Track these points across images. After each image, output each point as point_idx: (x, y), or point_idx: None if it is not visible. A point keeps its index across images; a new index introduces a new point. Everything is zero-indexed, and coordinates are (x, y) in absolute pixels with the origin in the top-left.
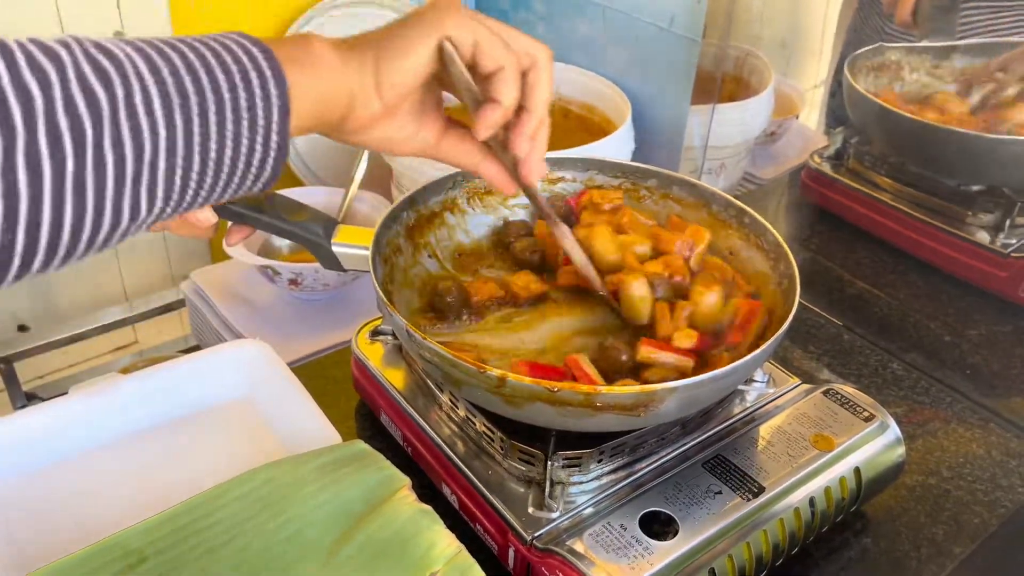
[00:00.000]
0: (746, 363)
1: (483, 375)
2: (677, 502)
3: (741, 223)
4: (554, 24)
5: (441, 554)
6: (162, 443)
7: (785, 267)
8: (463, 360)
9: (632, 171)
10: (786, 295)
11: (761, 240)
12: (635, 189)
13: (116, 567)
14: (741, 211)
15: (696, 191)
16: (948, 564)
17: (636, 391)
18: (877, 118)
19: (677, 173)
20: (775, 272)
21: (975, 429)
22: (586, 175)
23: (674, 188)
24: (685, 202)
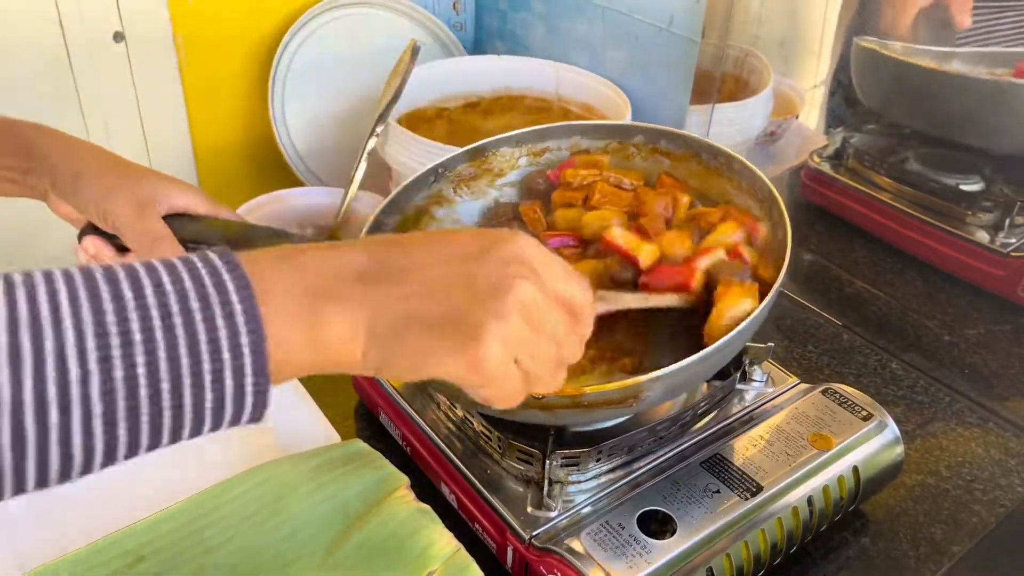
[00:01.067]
0: (730, 339)
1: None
2: (675, 501)
3: (731, 170)
4: (553, 24)
5: (439, 553)
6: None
7: (778, 216)
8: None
9: (617, 130)
10: (780, 244)
11: (752, 187)
12: (622, 148)
13: (114, 566)
14: (730, 158)
15: (684, 142)
16: (946, 563)
17: (620, 385)
18: (891, 76)
19: (662, 126)
20: (769, 220)
21: (974, 428)
22: (570, 141)
23: (662, 141)
24: (674, 155)
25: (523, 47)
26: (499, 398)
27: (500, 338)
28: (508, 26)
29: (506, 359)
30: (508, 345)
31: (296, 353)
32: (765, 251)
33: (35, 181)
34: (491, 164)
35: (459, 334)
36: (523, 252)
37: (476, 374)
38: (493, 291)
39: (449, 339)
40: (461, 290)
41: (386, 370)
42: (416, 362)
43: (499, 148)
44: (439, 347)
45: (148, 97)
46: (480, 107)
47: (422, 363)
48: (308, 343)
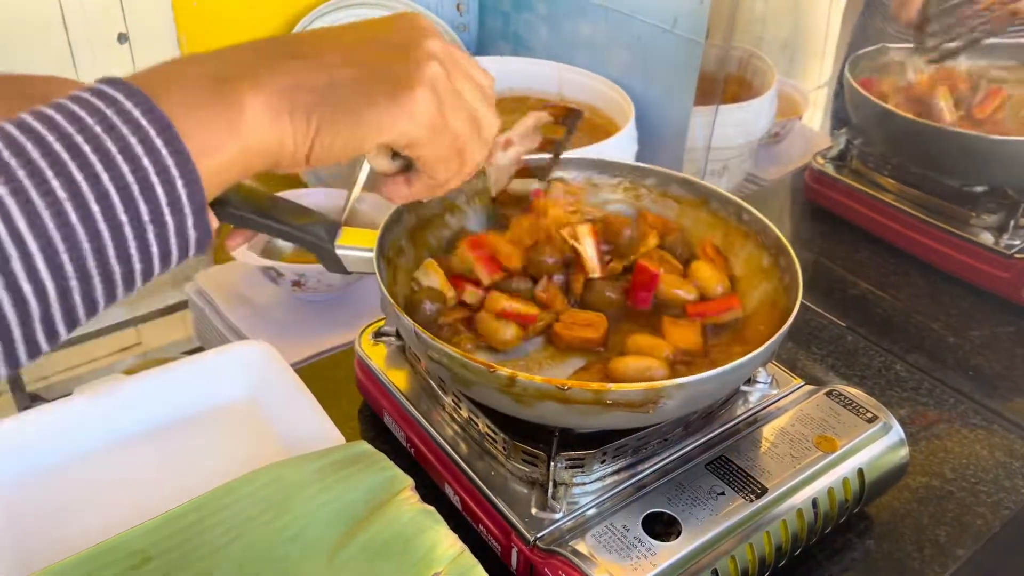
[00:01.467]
0: (752, 359)
1: (493, 375)
2: (680, 503)
3: (740, 220)
4: (556, 25)
5: (444, 554)
6: (166, 444)
7: (786, 263)
8: (473, 361)
9: (630, 170)
10: (788, 291)
11: (761, 237)
12: (634, 188)
13: (120, 567)
14: (740, 208)
15: (695, 189)
16: (951, 565)
17: (645, 387)
18: (878, 119)
19: (675, 171)
20: (777, 268)
21: (978, 430)
22: (585, 175)
23: (672, 186)
24: (684, 200)
25: (526, 48)
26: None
27: (428, 86)
28: (511, 27)
29: (436, 108)
30: (435, 92)
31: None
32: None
33: None
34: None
35: (388, 83)
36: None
37: (411, 126)
38: (405, 46)
39: (380, 88)
40: (374, 49)
41: (319, 146)
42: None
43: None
44: (373, 100)
45: None
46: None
47: (357, 124)
48: (228, 132)
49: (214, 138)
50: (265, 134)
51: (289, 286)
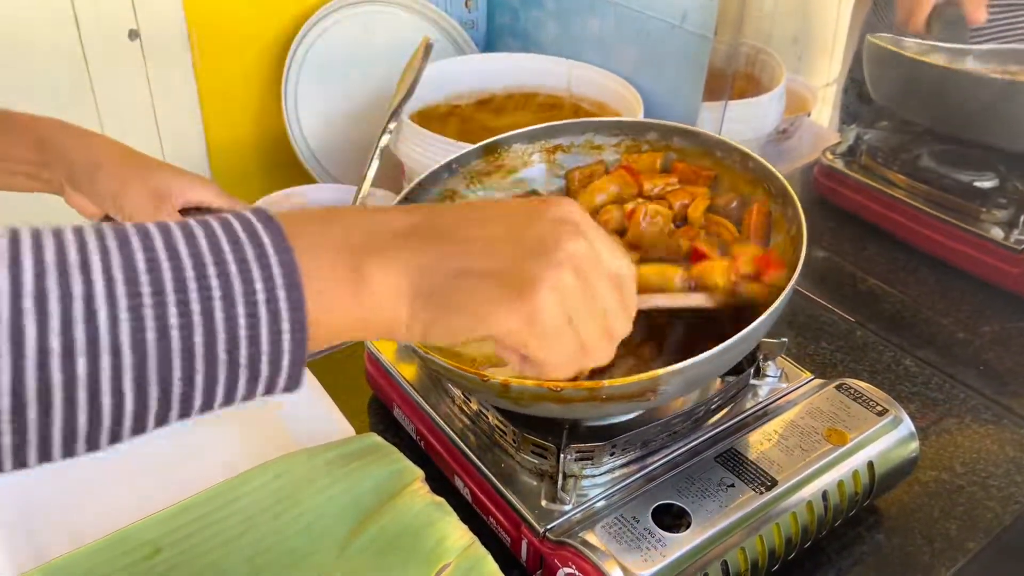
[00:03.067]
0: (749, 333)
1: (486, 383)
2: (689, 495)
3: (746, 167)
4: (565, 21)
5: (454, 546)
6: (176, 437)
7: (792, 213)
8: (464, 371)
9: (629, 126)
10: (794, 242)
11: (768, 185)
12: (636, 145)
13: (131, 558)
14: (745, 156)
15: (698, 139)
16: (961, 559)
17: (638, 379)
18: (904, 74)
19: (675, 123)
20: (784, 219)
21: (988, 425)
22: (583, 137)
23: (675, 138)
24: (687, 151)
25: (535, 44)
26: (553, 362)
27: (555, 290)
28: (520, 24)
29: (561, 314)
30: (563, 299)
31: (337, 311)
32: (778, 247)
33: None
34: (504, 160)
35: (513, 286)
36: (572, 214)
37: (531, 328)
38: (544, 246)
39: (503, 290)
40: (511, 246)
41: (435, 328)
42: (468, 317)
43: (512, 144)
44: (493, 299)
45: (162, 94)
46: (492, 104)
47: (475, 318)
48: (350, 300)
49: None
50: (383, 310)
51: None
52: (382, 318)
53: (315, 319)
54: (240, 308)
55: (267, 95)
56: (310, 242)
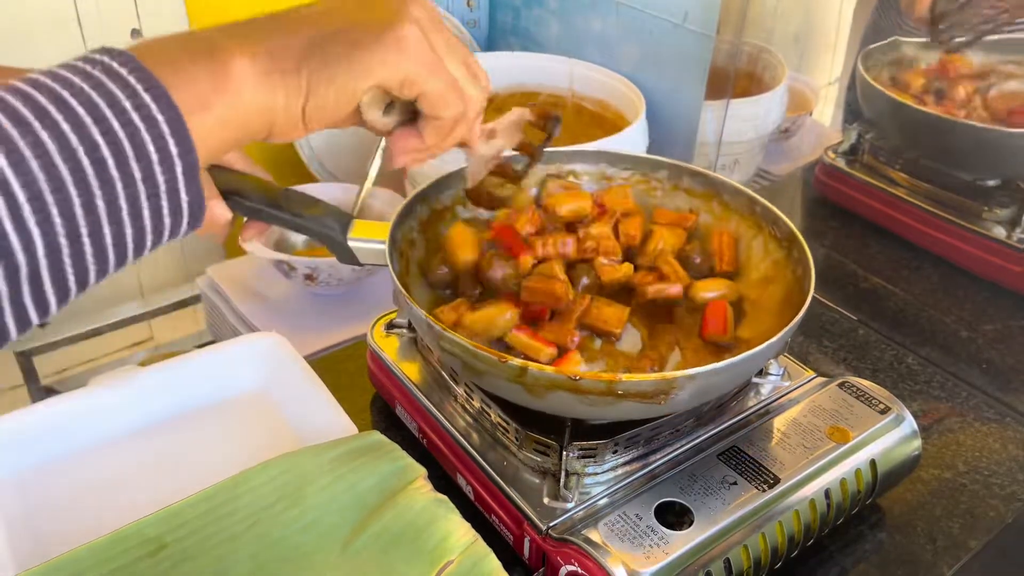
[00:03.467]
0: (763, 350)
1: (504, 365)
2: (692, 492)
3: (752, 212)
4: (568, 20)
5: (457, 543)
6: (180, 435)
7: (799, 254)
8: (484, 351)
9: (642, 162)
10: (801, 282)
11: (774, 229)
12: (646, 180)
13: (135, 554)
14: (752, 200)
15: (707, 181)
16: (963, 557)
17: (656, 378)
18: (891, 112)
19: (687, 164)
20: (789, 260)
21: (991, 424)
22: (597, 168)
23: (684, 179)
24: (696, 192)
25: (537, 43)
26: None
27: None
28: (522, 22)
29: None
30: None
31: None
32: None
33: None
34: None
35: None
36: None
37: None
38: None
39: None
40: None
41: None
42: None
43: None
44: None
45: None
46: (494, 103)
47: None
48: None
49: (202, 95)
50: (254, 92)
51: (301, 280)
52: (256, 103)
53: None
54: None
55: None
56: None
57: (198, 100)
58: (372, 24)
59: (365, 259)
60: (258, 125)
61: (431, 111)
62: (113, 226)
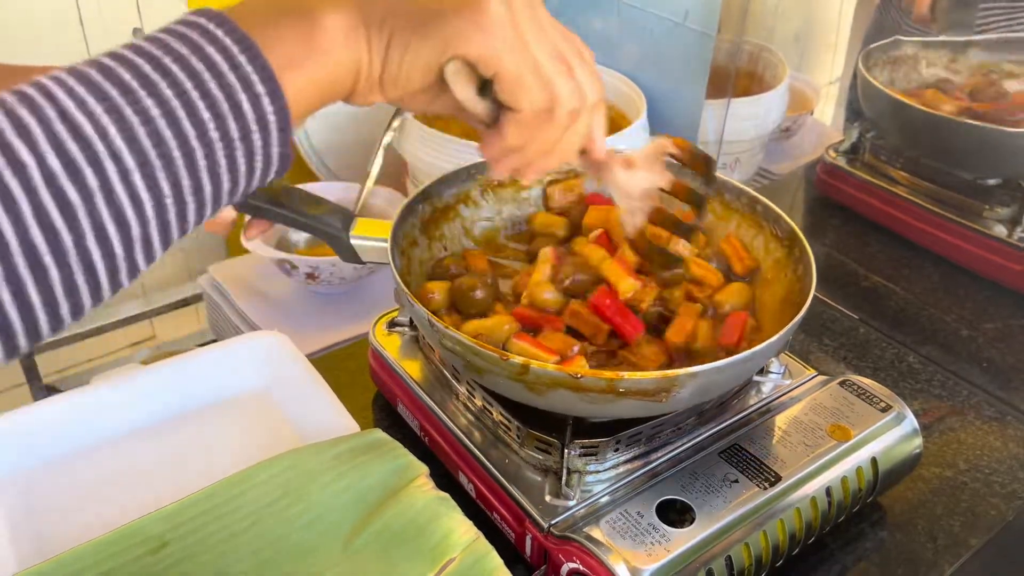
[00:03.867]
0: (764, 348)
1: (506, 363)
2: (694, 490)
3: (754, 211)
4: (568, 19)
5: (458, 541)
6: (182, 433)
7: (800, 253)
8: (486, 348)
9: None
10: (802, 281)
11: (775, 228)
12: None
13: (137, 552)
14: (753, 199)
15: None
16: (964, 555)
17: (658, 376)
18: (892, 112)
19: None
20: (790, 259)
21: (992, 422)
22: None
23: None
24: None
25: None
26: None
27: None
28: None
29: (512, 21)
30: (509, 7)
31: (298, 59)
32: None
33: None
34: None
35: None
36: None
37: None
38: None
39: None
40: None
41: (392, 63)
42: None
43: None
44: (440, 14)
45: None
46: None
47: (426, 37)
48: (308, 47)
49: (295, 53)
50: (342, 49)
51: (303, 279)
52: (343, 60)
53: (283, 79)
54: (212, 86)
55: None
56: (252, 11)
57: (291, 58)
58: (444, 23)
59: (367, 257)
60: (343, 83)
61: (507, 97)
62: (213, 182)
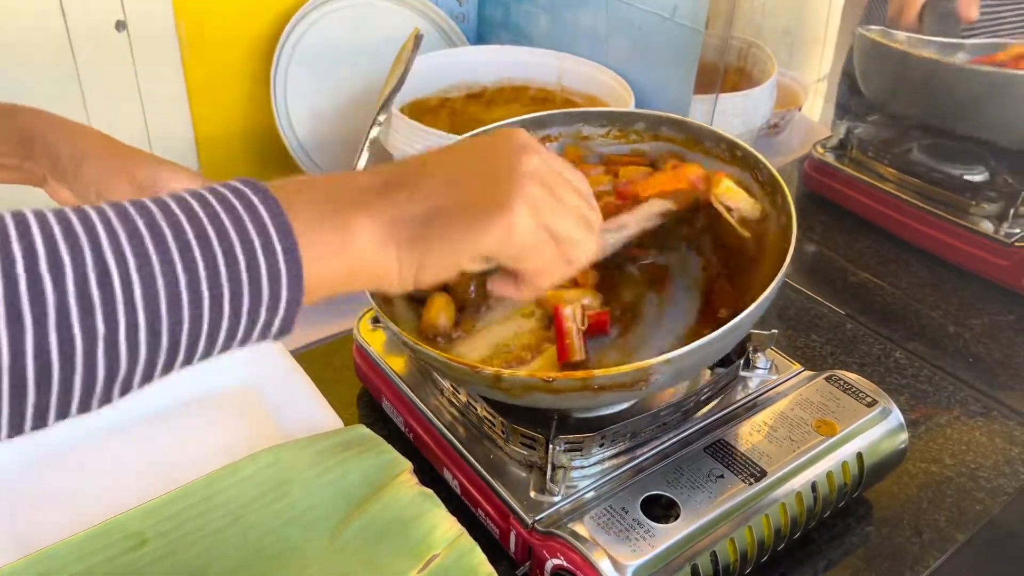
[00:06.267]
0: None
1: (479, 374)
2: (679, 486)
3: (734, 156)
4: (557, 15)
5: (442, 537)
6: (164, 429)
7: (782, 201)
8: (459, 363)
9: (618, 116)
10: (784, 231)
11: (756, 173)
12: (624, 135)
13: (116, 549)
14: (733, 144)
15: (685, 127)
16: (949, 549)
17: (632, 368)
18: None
19: (664, 112)
20: (773, 207)
21: (977, 417)
22: (573, 128)
23: (663, 128)
24: (676, 140)
25: (526, 37)
26: (540, 270)
27: (526, 201)
28: (511, 16)
29: (535, 224)
30: (534, 209)
31: (328, 261)
32: (768, 239)
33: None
34: None
35: (487, 209)
36: (524, 138)
37: (510, 244)
38: (508, 168)
39: (478, 215)
40: (475, 177)
41: (425, 270)
42: (452, 249)
43: None
44: (470, 225)
45: (150, 87)
46: (483, 97)
47: (457, 247)
48: (338, 249)
49: (324, 254)
50: (371, 260)
51: None
52: (371, 268)
53: (308, 272)
54: (241, 261)
55: (256, 87)
56: (295, 201)
57: (318, 256)
58: (489, 204)
59: None
60: (367, 283)
61: (531, 280)
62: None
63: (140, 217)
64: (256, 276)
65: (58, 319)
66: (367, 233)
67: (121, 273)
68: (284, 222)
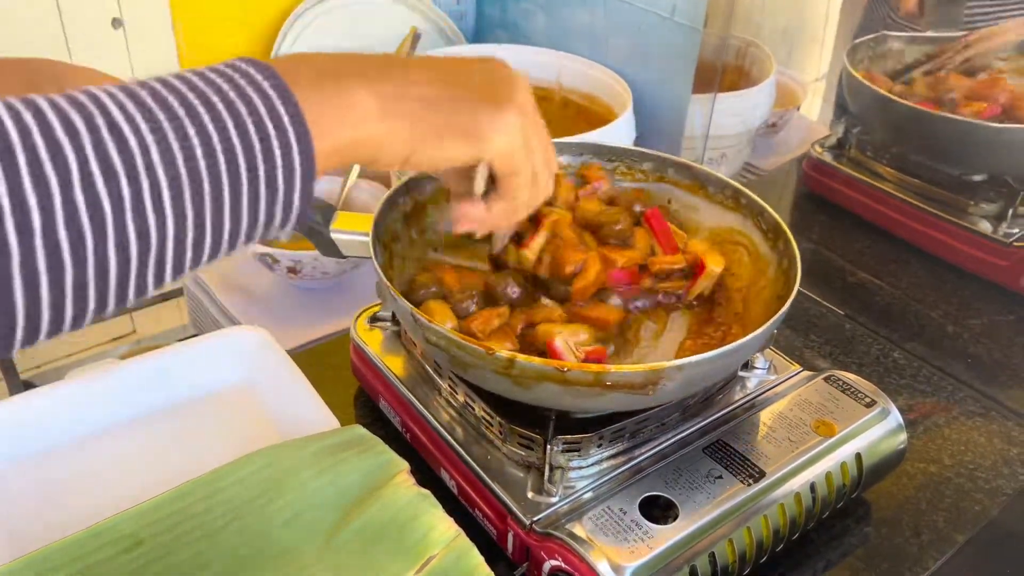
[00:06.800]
0: (750, 341)
1: (492, 357)
2: (677, 487)
3: (737, 204)
4: (555, 13)
5: (440, 538)
6: (160, 429)
7: (784, 246)
8: (471, 343)
9: (627, 154)
10: (787, 275)
11: (759, 221)
12: (630, 172)
13: (110, 551)
14: (737, 192)
15: (691, 173)
16: (948, 550)
17: (645, 368)
18: (877, 107)
19: (673, 156)
20: (775, 252)
21: (976, 418)
22: (581, 159)
23: (670, 171)
24: (681, 184)
25: (524, 36)
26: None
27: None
28: (509, 15)
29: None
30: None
31: (329, 124)
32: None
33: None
34: None
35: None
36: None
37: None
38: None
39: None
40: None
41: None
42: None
43: None
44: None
45: None
46: None
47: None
48: (338, 115)
49: (326, 124)
50: (371, 130)
51: (285, 273)
52: (370, 138)
53: (314, 134)
54: (251, 128)
55: None
56: (292, 70)
57: (321, 128)
58: (491, 100)
59: (348, 251)
60: (365, 156)
61: (507, 193)
62: (232, 220)
63: (147, 94)
64: (268, 144)
65: (82, 180)
66: (368, 104)
67: (138, 139)
68: (286, 91)
